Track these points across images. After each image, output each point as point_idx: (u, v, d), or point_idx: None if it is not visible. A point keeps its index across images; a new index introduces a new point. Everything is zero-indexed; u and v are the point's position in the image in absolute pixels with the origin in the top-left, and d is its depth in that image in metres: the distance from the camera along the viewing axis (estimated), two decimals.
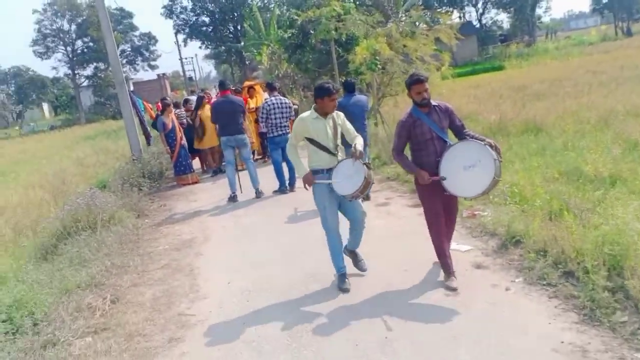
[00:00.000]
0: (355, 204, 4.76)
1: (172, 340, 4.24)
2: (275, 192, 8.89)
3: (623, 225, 4.29)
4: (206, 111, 11.00)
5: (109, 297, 5.13)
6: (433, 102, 4.41)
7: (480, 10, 57.19)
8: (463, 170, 4.19)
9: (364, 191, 4.49)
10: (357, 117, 7.24)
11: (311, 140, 4.65)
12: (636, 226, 4.24)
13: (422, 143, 4.37)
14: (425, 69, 13.50)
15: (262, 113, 8.81)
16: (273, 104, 8.76)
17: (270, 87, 9.61)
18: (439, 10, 32.72)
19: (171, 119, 10.96)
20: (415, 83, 4.33)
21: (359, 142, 4.57)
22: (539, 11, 55.60)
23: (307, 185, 4.68)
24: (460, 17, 56.94)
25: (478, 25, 55.44)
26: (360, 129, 7.25)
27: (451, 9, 53.90)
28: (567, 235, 4.55)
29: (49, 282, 5.56)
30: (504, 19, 59.66)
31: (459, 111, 14.42)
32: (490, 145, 4.16)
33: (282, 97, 9.15)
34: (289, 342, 3.91)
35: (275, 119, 8.70)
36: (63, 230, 7.38)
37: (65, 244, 6.94)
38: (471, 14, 58.57)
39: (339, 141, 4.71)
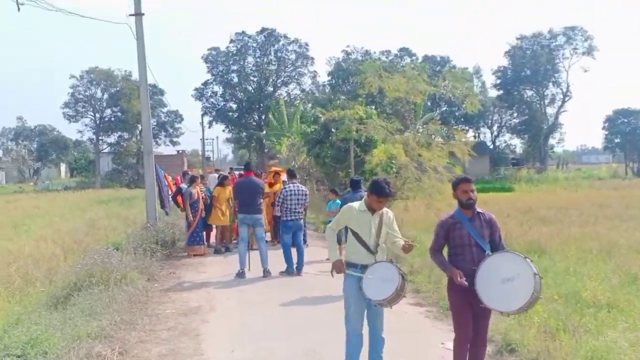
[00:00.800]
0: (378, 317, 4.55)
1: None
2: (282, 273, 9.20)
3: (612, 343, 4.57)
4: (223, 191, 11.56)
5: (117, 349, 5.36)
6: (478, 209, 4.29)
7: (495, 133, 59.38)
8: (501, 282, 3.93)
9: (392, 302, 4.27)
10: None
11: (353, 232, 4.51)
12: (623, 344, 4.51)
13: (459, 247, 4.20)
14: (438, 179, 14.12)
15: (279, 198, 9.38)
16: (291, 190, 9.33)
17: (290, 174, 10.18)
18: (455, 127, 34.21)
19: (197, 191, 11.53)
20: (462, 182, 4.25)
21: (400, 243, 4.46)
22: (552, 141, 57.63)
23: (333, 273, 4.56)
24: (474, 137, 59.07)
25: (491, 147, 57.32)
26: None
27: (467, 127, 56.17)
28: (560, 347, 4.80)
29: (61, 327, 5.80)
30: (517, 143, 61.68)
31: None
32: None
33: (299, 185, 9.72)
34: None
35: (291, 204, 9.23)
36: (77, 283, 7.66)
37: (78, 296, 7.21)
38: (485, 135, 60.75)
39: (381, 240, 4.51)
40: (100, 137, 58.47)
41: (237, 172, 21.08)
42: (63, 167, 76.14)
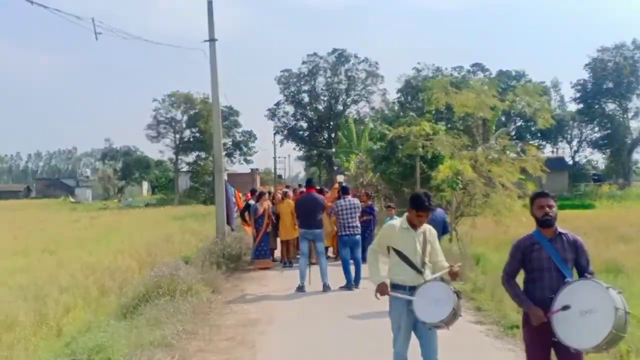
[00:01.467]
0: (432, 338, 4.27)
1: None
2: (341, 287, 9.19)
3: None
4: (284, 206, 11.75)
5: (176, 357, 5.55)
6: (560, 229, 3.80)
7: (575, 148, 56.80)
8: (579, 315, 3.41)
9: (449, 323, 4.01)
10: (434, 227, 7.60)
11: (397, 251, 4.29)
12: None
13: (537, 272, 3.73)
14: (507, 195, 13.65)
15: (331, 212, 9.51)
16: (342, 205, 9.42)
17: (344, 190, 10.25)
18: (529, 142, 33.02)
19: (264, 207, 11.83)
20: (539, 196, 3.82)
21: (444, 264, 4.30)
22: (636, 156, 54.45)
23: (378, 295, 4.36)
24: (552, 152, 56.73)
25: (571, 162, 54.84)
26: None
27: (544, 143, 54.02)
28: None
29: (127, 335, 6.08)
30: (598, 159, 58.64)
31: None
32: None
33: (352, 198, 9.74)
34: None
35: (344, 219, 9.29)
36: (145, 293, 8.01)
37: (145, 306, 7.55)
38: (565, 150, 58.25)
39: (427, 258, 4.31)
40: (179, 157, 61.07)
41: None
42: (145, 185, 79.97)
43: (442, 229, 8.25)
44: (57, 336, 6.84)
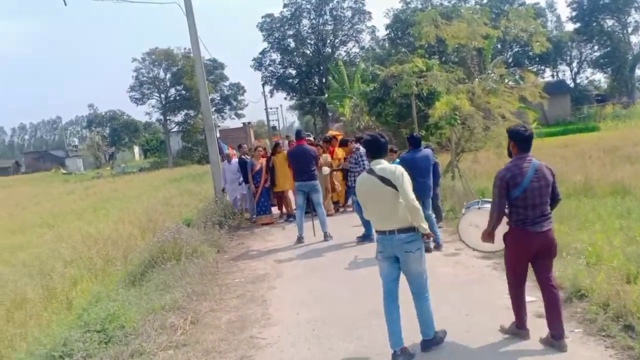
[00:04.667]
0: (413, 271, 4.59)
1: (244, 358, 4.78)
2: (359, 239, 8.98)
3: None
4: (279, 157, 11.80)
5: (189, 319, 5.76)
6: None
7: (575, 70, 56.34)
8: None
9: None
10: (423, 171, 7.72)
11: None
12: None
13: None
14: (508, 126, 13.67)
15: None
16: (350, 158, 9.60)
17: (343, 143, 10.54)
18: (530, 68, 32.73)
19: (260, 162, 11.92)
20: None
21: None
22: (639, 72, 54.02)
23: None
24: (552, 76, 56.25)
25: (572, 85, 54.47)
26: (427, 184, 7.75)
27: (543, 67, 53.48)
28: (631, 290, 4.71)
29: (137, 302, 6.29)
30: (600, 78, 58.23)
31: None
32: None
33: (361, 148, 9.85)
34: None
35: (353, 169, 9.48)
36: (151, 260, 8.21)
37: (152, 272, 7.75)
38: (565, 73, 57.76)
39: None
40: (167, 117, 60.71)
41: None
42: (136, 149, 79.82)
43: (433, 174, 8.26)
44: (67, 309, 7.06)
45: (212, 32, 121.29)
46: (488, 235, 4.62)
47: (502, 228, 4.58)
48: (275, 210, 12.70)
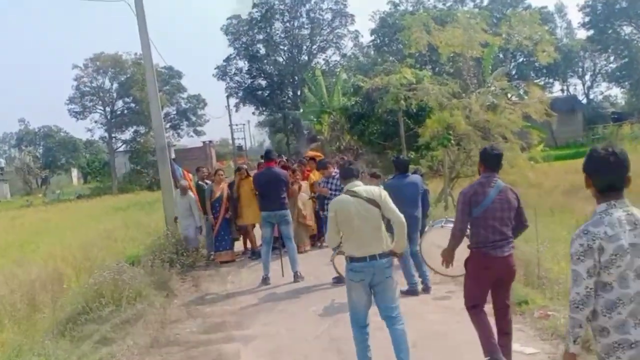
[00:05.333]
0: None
1: None
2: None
3: None
4: (244, 185, 11.72)
5: None
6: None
7: (588, 84, 57.58)
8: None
9: None
10: (411, 201, 7.69)
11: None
12: None
13: None
14: (509, 148, 13.89)
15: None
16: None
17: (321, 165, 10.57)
18: (535, 82, 33.33)
19: (221, 188, 11.84)
20: None
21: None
22: None
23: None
24: (562, 91, 57.40)
25: (585, 101, 55.52)
26: (414, 216, 7.70)
27: (551, 80, 54.58)
28: None
29: (67, 357, 6.15)
30: (617, 94, 59.57)
31: (547, 200, 14.49)
32: None
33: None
34: None
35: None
36: (85, 305, 8.05)
37: (86, 321, 7.60)
38: (576, 87, 58.94)
39: None
40: (113, 135, 60.33)
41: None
42: (75, 172, 78.93)
43: (422, 203, 8.27)
44: None
45: (169, 35, 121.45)
46: (447, 256, 5.13)
47: (464, 253, 5.04)
48: (238, 245, 12.61)
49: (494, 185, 4.88)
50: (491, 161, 5.00)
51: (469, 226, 4.96)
